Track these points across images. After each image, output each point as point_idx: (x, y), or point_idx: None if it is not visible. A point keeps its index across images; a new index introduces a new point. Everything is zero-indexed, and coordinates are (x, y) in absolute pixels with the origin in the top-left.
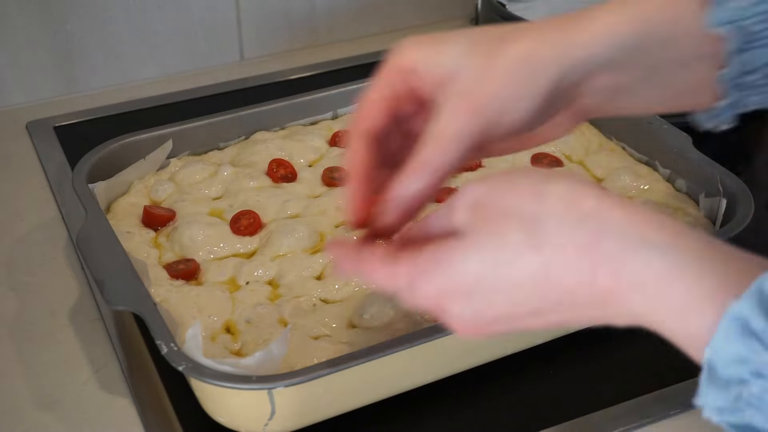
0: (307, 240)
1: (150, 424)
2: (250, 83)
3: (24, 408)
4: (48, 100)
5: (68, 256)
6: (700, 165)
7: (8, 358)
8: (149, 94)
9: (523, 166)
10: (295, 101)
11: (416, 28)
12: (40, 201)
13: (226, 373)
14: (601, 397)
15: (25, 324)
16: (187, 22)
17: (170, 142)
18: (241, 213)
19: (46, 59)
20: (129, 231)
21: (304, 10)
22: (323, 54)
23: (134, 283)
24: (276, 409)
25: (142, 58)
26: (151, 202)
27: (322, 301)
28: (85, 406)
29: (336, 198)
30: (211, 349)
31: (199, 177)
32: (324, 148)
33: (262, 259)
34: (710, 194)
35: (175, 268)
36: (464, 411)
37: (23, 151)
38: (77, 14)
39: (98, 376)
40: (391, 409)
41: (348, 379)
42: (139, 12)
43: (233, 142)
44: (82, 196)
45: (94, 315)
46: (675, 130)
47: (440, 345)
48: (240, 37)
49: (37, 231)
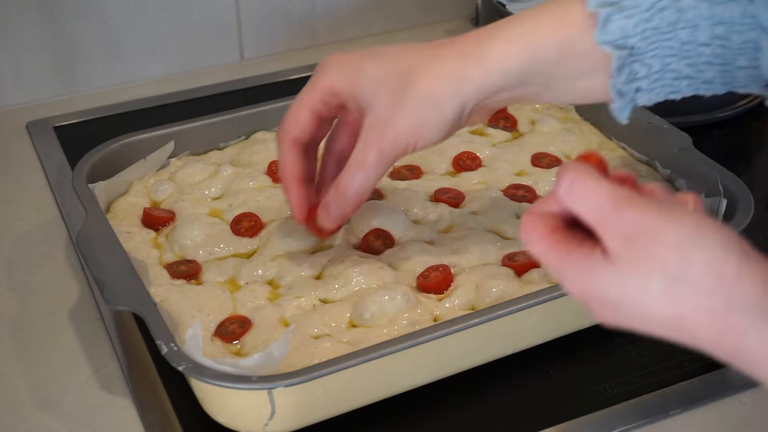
0: (308, 239)
1: (150, 424)
2: (250, 83)
3: (24, 408)
4: (48, 100)
5: (68, 256)
6: (700, 165)
7: (8, 358)
8: (149, 94)
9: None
10: None
11: (416, 28)
12: (40, 201)
13: (226, 373)
14: (601, 397)
15: (25, 324)
16: (187, 22)
17: (172, 143)
18: (243, 215)
19: (46, 59)
20: (129, 231)
21: (304, 10)
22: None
23: (134, 283)
24: (276, 409)
25: (142, 58)
26: (151, 202)
27: (321, 301)
28: (85, 406)
29: None
30: (210, 348)
31: (199, 177)
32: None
33: (262, 258)
34: (710, 194)
35: (176, 269)
36: (464, 411)
37: (23, 151)
38: (77, 14)
39: (98, 376)
40: (391, 409)
41: (348, 379)
42: (139, 12)
43: (233, 142)
44: (82, 196)
45: (94, 315)
46: (675, 130)
47: (440, 345)
48: (240, 37)
49: (37, 231)
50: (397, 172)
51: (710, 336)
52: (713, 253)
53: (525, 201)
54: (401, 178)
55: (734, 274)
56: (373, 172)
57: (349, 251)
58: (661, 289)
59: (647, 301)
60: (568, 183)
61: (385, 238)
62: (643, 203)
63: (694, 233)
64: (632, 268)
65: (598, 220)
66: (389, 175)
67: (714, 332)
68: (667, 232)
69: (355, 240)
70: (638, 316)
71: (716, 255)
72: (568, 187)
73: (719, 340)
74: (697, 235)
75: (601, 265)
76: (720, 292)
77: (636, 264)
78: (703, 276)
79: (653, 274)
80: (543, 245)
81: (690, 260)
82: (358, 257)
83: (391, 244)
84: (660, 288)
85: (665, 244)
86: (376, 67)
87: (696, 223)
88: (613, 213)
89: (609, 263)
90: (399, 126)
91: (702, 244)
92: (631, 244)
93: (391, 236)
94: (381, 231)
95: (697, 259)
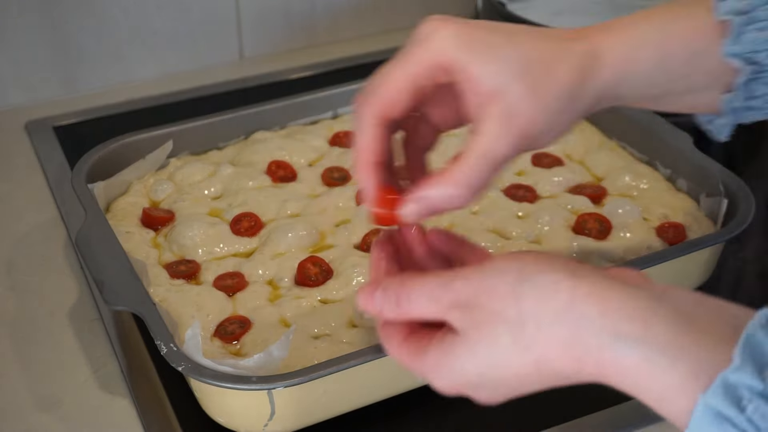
0: (307, 238)
1: (150, 424)
2: (250, 83)
3: (23, 408)
4: (48, 100)
5: (67, 256)
6: (700, 165)
7: (8, 358)
8: (149, 94)
9: None
10: (295, 101)
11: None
12: (39, 201)
13: (225, 373)
14: (601, 398)
15: (24, 324)
16: (186, 21)
17: (170, 142)
18: (242, 215)
19: (46, 59)
20: (128, 231)
21: (303, 9)
22: (323, 54)
23: (133, 283)
24: (276, 409)
25: (142, 58)
26: (150, 202)
27: (321, 301)
28: (84, 406)
29: (336, 197)
30: (210, 348)
31: (198, 177)
32: (324, 148)
33: (262, 258)
34: (711, 194)
35: (176, 268)
36: (464, 411)
37: (23, 151)
38: (77, 14)
39: (98, 376)
40: (391, 410)
41: (348, 379)
42: (138, 12)
43: (233, 141)
44: (81, 196)
45: (94, 315)
46: (676, 130)
47: None
48: (240, 37)
49: (36, 231)
50: None
51: (571, 365)
52: (542, 288)
53: (525, 201)
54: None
55: (567, 300)
56: (491, 167)
57: (349, 251)
58: (510, 341)
59: (502, 359)
60: (394, 301)
61: None
62: (466, 271)
63: (519, 277)
64: (478, 331)
65: (436, 308)
66: None
67: (572, 360)
68: (495, 285)
69: (356, 240)
70: (504, 380)
71: (546, 287)
72: (398, 305)
73: (580, 367)
74: (522, 277)
75: (455, 343)
76: (561, 321)
77: (480, 326)
78: (541, 311)
79: (498, 328)
80: (402, 352)
81: (522, 302)
82: (358, 257)
83: None
84: (509, 339)
85: (497, 297)
86: (512, 48)
87: (519, 265)
88: (445, 292)
89: (459, 339)
90: (532, 120)
91: (529, 282)
92: (470, 310)
93: None
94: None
95: (529, 298)
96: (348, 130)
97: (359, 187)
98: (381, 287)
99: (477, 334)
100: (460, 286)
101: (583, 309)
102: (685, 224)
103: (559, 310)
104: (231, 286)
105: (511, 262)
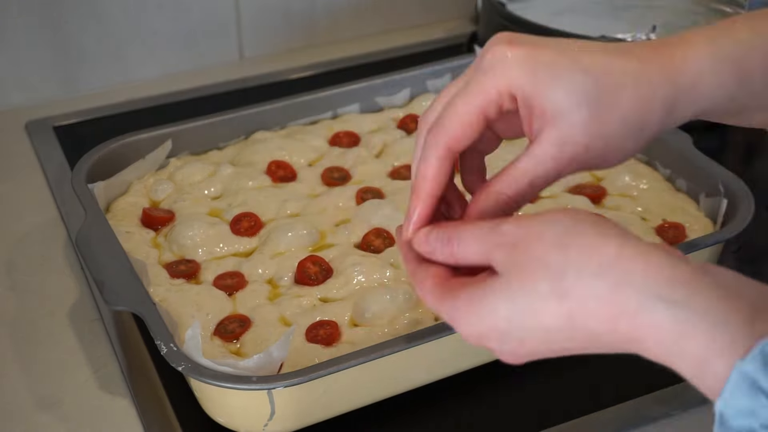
0: (307, 238)
1: (150, 424)
2: (250, 83)
3: (24, 408)
4: (48, 100)
5: (68, 256)
6: (700, 165)
7: (8, 358)
8: (149, 94)
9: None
10: (295, 101)
11: (416, 28)
12: (39, 201)
13: (225, 373)
14: (601, 397)
15: (24, 324)
16: (186, 21)
17: (170, 142)
18: (242, 215)
19: (46, 59)
20: (128, 231)
21: (303, 9)
22: (323, 53)
23: (133, 283)
24: (276, 409)
25: (142, 58)
26: (150, 202)
27: (321, 300)
28: (84, 407)
29: (336, 197)
30: (210, 348)
31: (198, 177)
32: (324, 148)
33: (262, 257)
34: (711, 194)
35: (175, 268)
36: (464, 411)
37: (23, 151)
38: (77, 14)
39: (98, 376)
40: (391, 409)
41: (348, 379)
42: (138, 12)
43: (233, 141)
44: (81, 196)
45: (94, 315)
46: (675, 130)
47: (440, 345)
48: (239, 37)
49: (36, 231)
50: (397, 172)
51: (604, 323)
52: (590, 240)
53: None
54: (401, 177)
55: (614, 255)
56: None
57: (349, 250)
58: (548, 289)
59: (535, 306)
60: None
61: (385, 237)
62: (516, 217)
63: (569, 226)
64: (519, 274)
65: (484, 248)
66: (389, 175)
67: (606, 317)
68: (544, 232)
69: (355, 239)
70: (532, 331)
71: (593, 241)
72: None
73: (613, 325)
74: (572, 227)
75: (492, 283)
76: (603, 274)
77: (521, 269)
78: (585, 262)
79: (538, 272)
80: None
81: (568, 251)
82: (358, 256)
83: (391, 243)
84: (547, 287)
85: (544, 243)
86: (579, 73)
87: (571, 218)
88: (494, 234)
89: (498, 279)
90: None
91: (578, 234)
92: (515, 252)
93: (392, 235)
94: (381, 230)
95: (575, 247)
96: (348, 130)
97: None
98: (436, 228)
99: (517, 275)
100: (508, 229)
101: (628, 266)
102: (684, 224)
103: (604, 263)
104: (231, 286)
105: (563, 215)
